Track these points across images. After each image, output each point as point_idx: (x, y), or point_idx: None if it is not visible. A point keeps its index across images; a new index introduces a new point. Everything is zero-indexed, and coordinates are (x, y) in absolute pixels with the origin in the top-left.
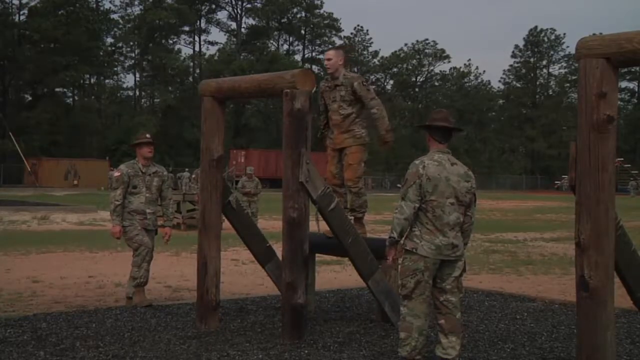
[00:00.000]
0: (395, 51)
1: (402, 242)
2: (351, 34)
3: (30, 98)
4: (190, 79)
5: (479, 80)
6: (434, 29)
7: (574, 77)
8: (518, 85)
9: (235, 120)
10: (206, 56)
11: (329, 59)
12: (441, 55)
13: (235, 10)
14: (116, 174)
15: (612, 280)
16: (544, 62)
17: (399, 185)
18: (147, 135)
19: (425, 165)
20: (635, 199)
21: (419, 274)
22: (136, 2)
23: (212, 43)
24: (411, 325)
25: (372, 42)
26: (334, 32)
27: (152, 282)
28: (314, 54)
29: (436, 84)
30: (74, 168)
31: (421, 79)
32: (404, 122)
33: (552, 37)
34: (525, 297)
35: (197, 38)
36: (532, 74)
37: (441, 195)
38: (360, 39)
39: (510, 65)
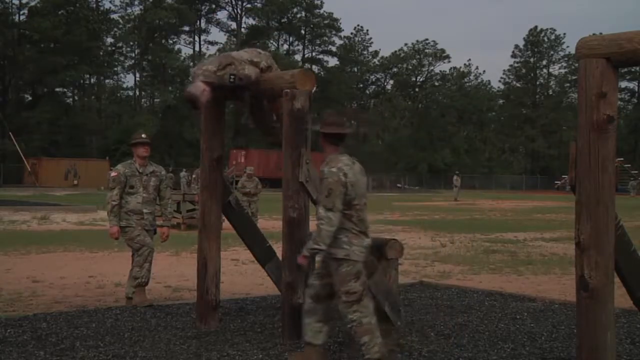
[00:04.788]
0: (395, 51)
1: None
2: (351, 34)
3: (30, 98)
4: (190, 79)
5: (479, 80)
6: (434, 29)
7: (574, 77)
8: (518, 85)
9: (235, 120)
10: (206, 56)
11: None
12: (441, 55)
13: (235, 10)
14: (113, 174)
15: (612, 280)
16: (544, 62)
17: (399, 185)
18: (143, 135)
19: (345, 173)
20: (635, 199)
21: (362, 277)
22: (136, 2)
23: (212, 43)
24: (370, 325)
25: (372, 42)
26: (334, 32)
27: (152, 282)
28: (314, 54)
29: (436, 84)
30: (74, 168)
31: (421, 79)
32: (404, 122)
33: (552, 37)
34: (525, 297)
35: (197, 38)
36: (532, 74)
37: (361, 198)
38: (360, 39)
39: (510, 65)
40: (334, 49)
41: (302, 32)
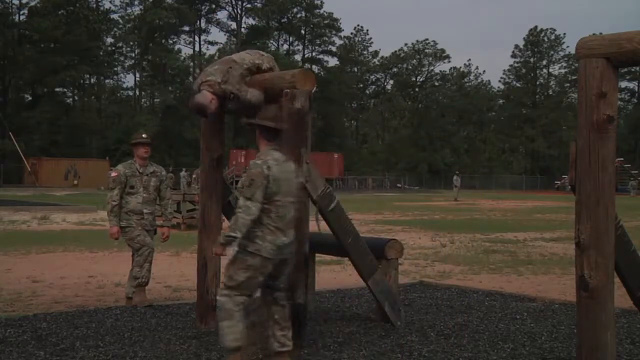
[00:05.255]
0: (395, 51)
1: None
2: (351, 34)
3: (30, 98)
4: (190, 79)
5: (479, 80)
6: (434, 29)
7: (574, 77)
8: (518, 85)
9: (235, 120)
10: (206, 56)
11: None
12: (441, 55)
13: (235, 10)
14: (113, 174)
15: (612, 280)
16: (544, 62)
17: (398, 185)
18: (144, 136)
19: (269, 166)
20: (635, 199)
21: (251, 271)
22: (136, 2)
23: (212, 43)
24: (233, 312)
25: (372, 42)
26: (334, 32)
27: (152, 282)
28: (314, 54)
29: (436, 84)
30: (74, 168)
31: (421, 79)
32: (404, 122)
33: (552, 37)
34: (525, 297)
35: (197, 38)
36: (532, 74)
37: (284, 195)
38: (360, 39)
39: (510, 65)
40: (334, 49)
41: (302, 32)
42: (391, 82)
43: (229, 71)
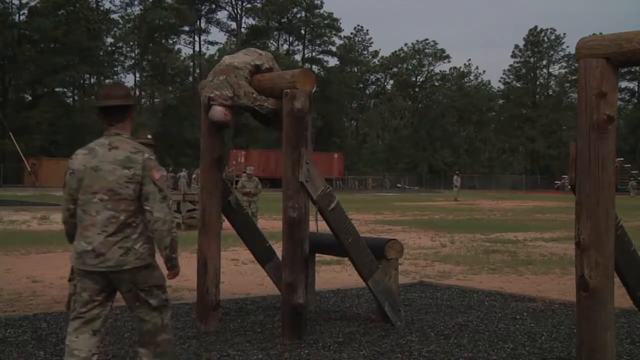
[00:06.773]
0: (395, 51)
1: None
2: (351, 34)
3: (30, 98)
4: (190, 79)
5: (479, 80)
6: (434, 29)
7: (574, 77)
8: (518, 85)
9: (235, 120)
10: (206, 56)
11: None
12: (441, 55)
13: (235, 10)
14: None
15: (612, 280)
16: (544, 62)
17: (398, 185)
18: (149, 136)
19: (73, 157)
20: (635, 199)
21: (72, 287)
22: (136, 2)
23: (212, 43)
24: (67, 346)
25: (372, 42)
26: (334, 32)
27: None
28: (314, 54)
29: (436, 84)
30: None
31: (421, 79)
32: (404, 122)
33: (552, 37)
34: (525, 297)
35: (197, 38)
36: (532, 74)
37: (86, 191)
38: (360, 39)
39: (510, 65)
40: (334, 49)
41: (302, 32)
42: (391, 82)
43: (238, 82)
